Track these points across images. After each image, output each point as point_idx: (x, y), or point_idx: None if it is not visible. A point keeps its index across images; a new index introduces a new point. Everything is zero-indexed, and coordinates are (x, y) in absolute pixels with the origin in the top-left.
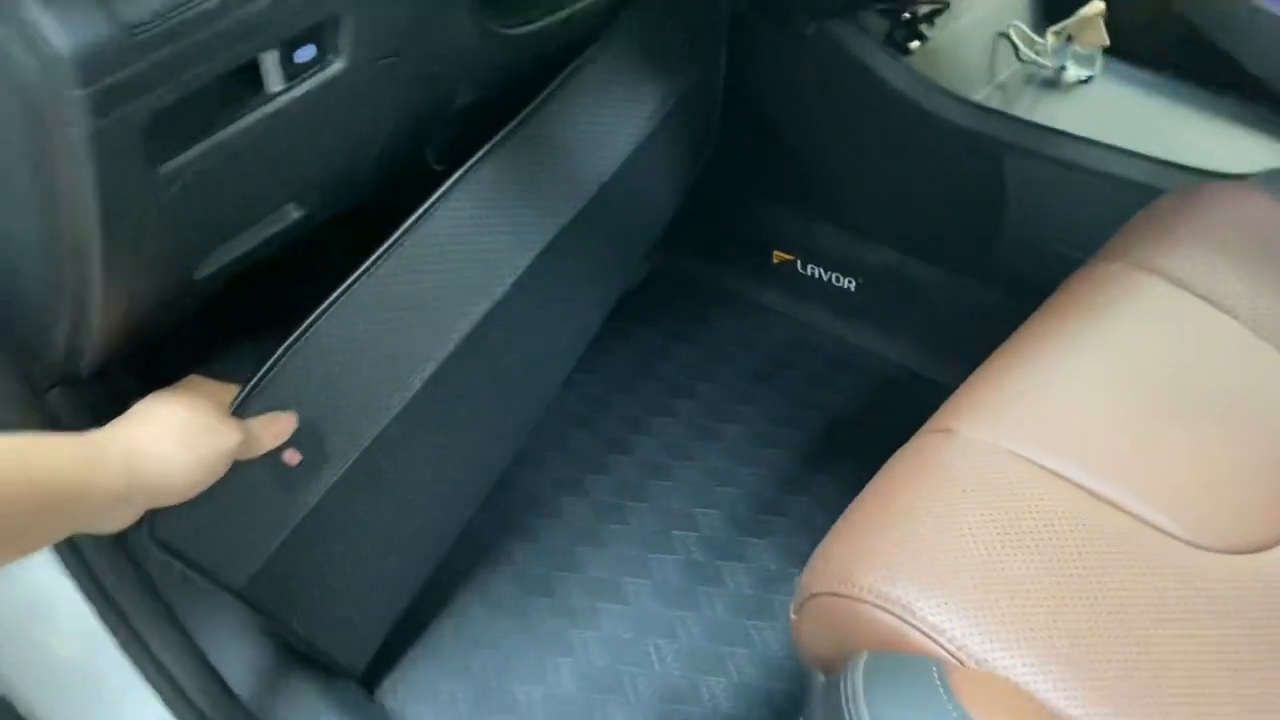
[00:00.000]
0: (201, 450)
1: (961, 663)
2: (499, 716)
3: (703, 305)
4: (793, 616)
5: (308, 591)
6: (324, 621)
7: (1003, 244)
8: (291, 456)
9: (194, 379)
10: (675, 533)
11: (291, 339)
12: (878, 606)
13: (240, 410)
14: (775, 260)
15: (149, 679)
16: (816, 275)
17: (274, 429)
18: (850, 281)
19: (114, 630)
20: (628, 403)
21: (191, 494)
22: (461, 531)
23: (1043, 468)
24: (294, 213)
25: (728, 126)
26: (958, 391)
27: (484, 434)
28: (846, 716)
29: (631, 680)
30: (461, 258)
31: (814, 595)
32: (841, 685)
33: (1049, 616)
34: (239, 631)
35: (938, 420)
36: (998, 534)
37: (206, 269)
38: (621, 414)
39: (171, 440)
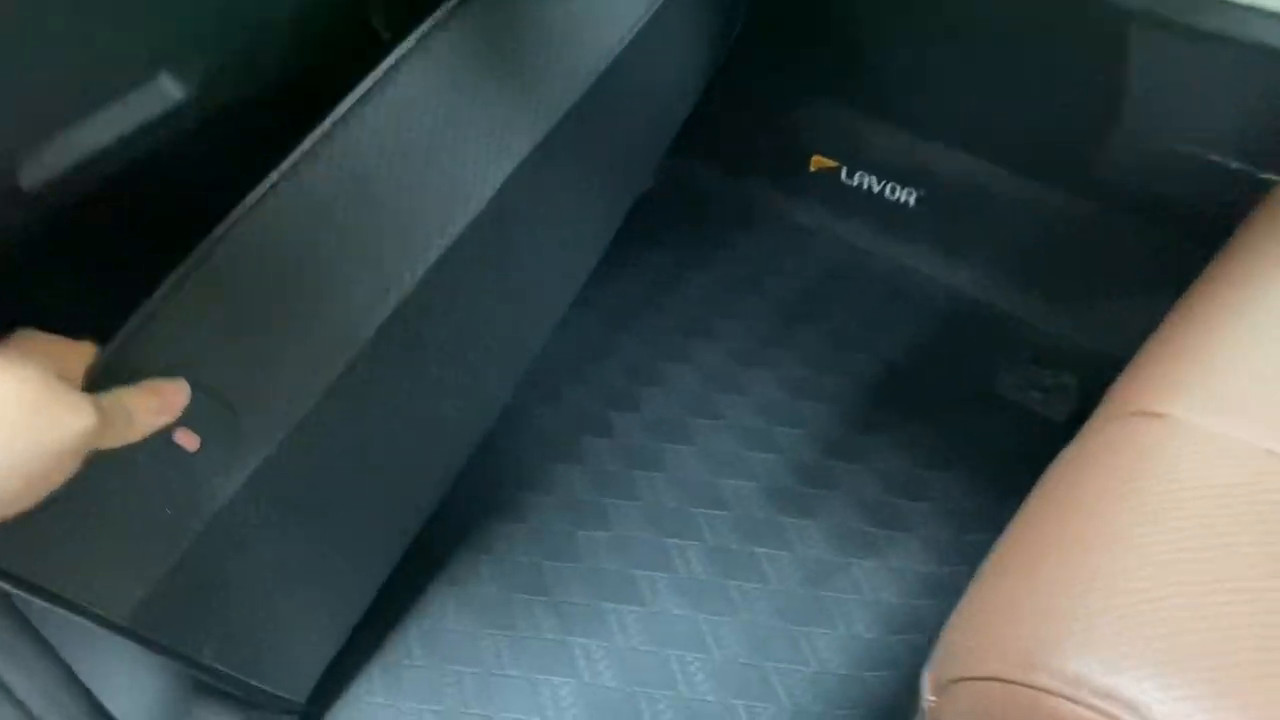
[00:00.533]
0: (30, 443)
1: None
2: None
3: (723, 224)
4: (929, 699)
5: (221, 615)
6: (247, 650)
7: (1110, 145)
8: (186, 439)
9: (24, 335)
10: (697, 511)
11: (178, 271)
12: (1083, 704)
13: (103, 378)
14: (813, 168)
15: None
16: (867, 186)
17: (153, 402)
18: (909, 193)
19: None
20: (633, 346)
21: (23, 505)
22: (430, 515)
23: None
24: (172, 93)
25: None
26: (1145, 355)
27: (457, 393)
28: None
29: (652, 707)
30: (418, 160)
31: (969, 679)
32: None
33: None
34: (137, 661)
35: (1131, 399)
36: None
37: (37, 174)
38: (626, 360)
39: None
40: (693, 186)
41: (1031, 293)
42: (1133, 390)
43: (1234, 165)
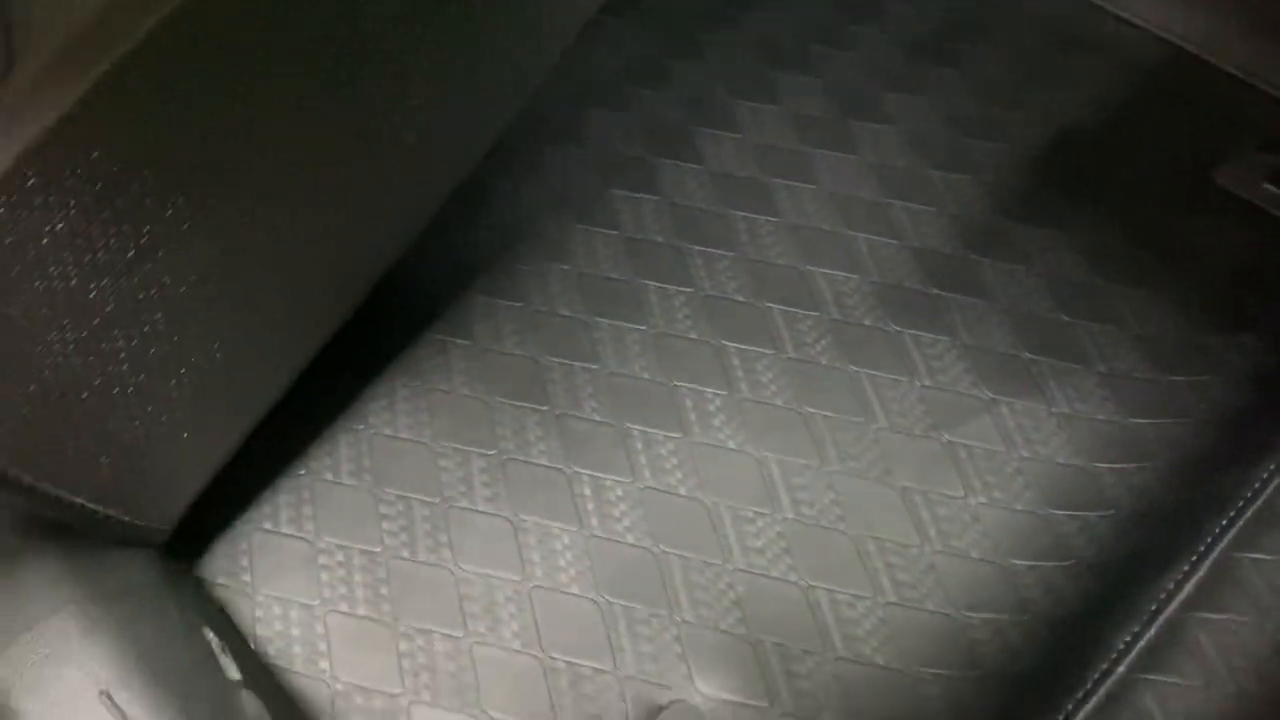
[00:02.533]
0: None
1: None
2: (440, 616)
3: None
4: None
5: (25, 414)
6: (68, 459)
7: None
8: None
9: None
10: (775, 310)
11: None
12: None
13: None
14: None
15: None
16: None
17: None
18: None
19: None
20: (695, 73)
21: None
22: (382, 277)
23: None
24: None
25: None
26: None
27: (418, 82)
28: None
29: (687, 576)
30: None
31: None
32: None
33: None
34: None
35: None
36: None
37: None
38: (684, 91)
39: None
40: None
41: (1277, 46)
42: None
43: None
